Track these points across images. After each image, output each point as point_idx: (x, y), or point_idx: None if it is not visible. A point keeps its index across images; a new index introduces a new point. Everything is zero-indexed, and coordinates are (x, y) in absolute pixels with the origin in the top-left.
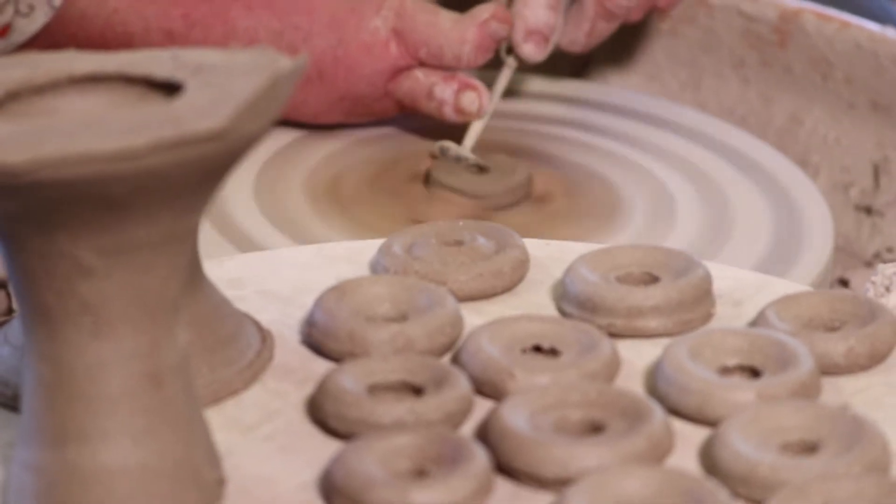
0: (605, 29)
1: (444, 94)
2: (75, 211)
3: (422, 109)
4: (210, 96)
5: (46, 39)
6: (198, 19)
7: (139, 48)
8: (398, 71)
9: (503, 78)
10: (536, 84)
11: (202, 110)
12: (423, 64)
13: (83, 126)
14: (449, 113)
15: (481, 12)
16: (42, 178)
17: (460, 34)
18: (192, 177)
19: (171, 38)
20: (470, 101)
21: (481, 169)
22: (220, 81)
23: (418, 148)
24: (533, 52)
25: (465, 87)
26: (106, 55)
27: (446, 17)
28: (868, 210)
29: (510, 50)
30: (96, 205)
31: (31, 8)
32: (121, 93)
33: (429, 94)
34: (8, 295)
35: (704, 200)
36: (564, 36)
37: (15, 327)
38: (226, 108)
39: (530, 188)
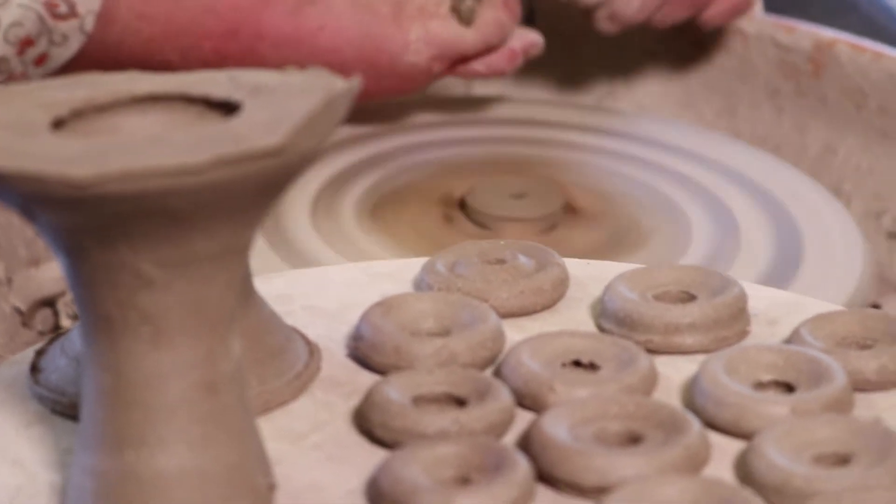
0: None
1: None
2: (138, 224)
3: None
4: (268, 115)
5: (86, 66)
6: (229, 55)
7: None
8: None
9: None
10: (569, 113)
11: (261, 128)
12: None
13: (146, 143)
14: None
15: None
16: (107, 192)
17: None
18: (251, 192)
19: (207, 69)
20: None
21: (518, 195)
22: (277, 101)
23: (462, 175)
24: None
25: (528, 46)
26: (165, 76)
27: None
28: None
29: None
30: (158, 218)
31: (65, 38)
32: (180, 112)
33: (501, 74)
34: (55, 312)
35: (737, 228)
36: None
37: (71, 339)
38: (284, 126)
39: (565, 211)
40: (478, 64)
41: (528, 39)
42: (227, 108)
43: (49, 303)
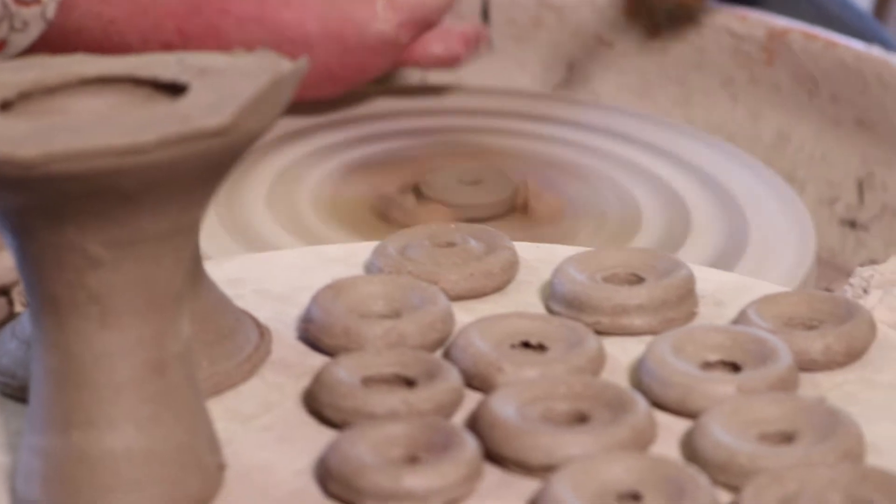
0: None
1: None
2: (85, 204)
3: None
4: (215, 96)
5: (45, 51)
6: (191, 34)
7: None
8: (406, 48)
9: None
10: (525, 103)
11: (207, 108)
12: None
13: (93, 123)
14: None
15: None
16: (53, 171)
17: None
18: (197, 171)
19: (168, 50)
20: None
21: (473, 182)
22: (224, 82)
23: (414, 164)
24: None
25: (480, 38)
26: (114, 59)
27: None
28: (853, 224)
29: None
30: (105, 198)
31: (26, 24)
32: (128, 94)
33: (457, 61)
34: (9, 301)
35: (690, 214)
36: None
37: (22, 323)
38: (230, 106)
39: (520, 198)
40: (436, 46)
41: (480, 30)
42: (175, 89)
43: (4, 291)
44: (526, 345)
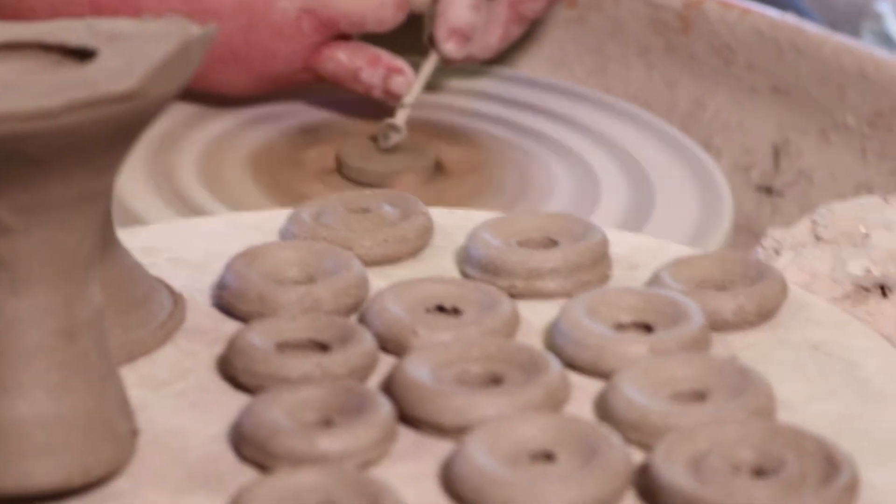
0: (517, 32)
1: (372, 78)
2: None
3: (347, 89)
4: (123, 60)
5: None
6: (104, 5)
7: None
8: (314, 47)
9: (427, 67)
10: (442, 74)
11: (115, 73)
12: (342, 36)
13: (1, 88)
14: (377, 94)
15: None
16: None
17: None
18: (106, 136)
19: None
20: (399, 84)
21: (390, 148)
22: (132, 47)
23: (330, 126)
24: (453, 50)
25: (393, 70)
26: (21, 25)
27: None
28: (768, 190)
29: (432, 42)
30: (13, 164)
31: None
32: (37, 60)
33: (355, 78)
34: None
35: (613, 180)
36: (475, 43)
37: None
38: (138, 70)
39: (440, 166)
40: (343, 55)
41: (405, 70)
42: (84, 55)
43: None
44: (440, 309)
